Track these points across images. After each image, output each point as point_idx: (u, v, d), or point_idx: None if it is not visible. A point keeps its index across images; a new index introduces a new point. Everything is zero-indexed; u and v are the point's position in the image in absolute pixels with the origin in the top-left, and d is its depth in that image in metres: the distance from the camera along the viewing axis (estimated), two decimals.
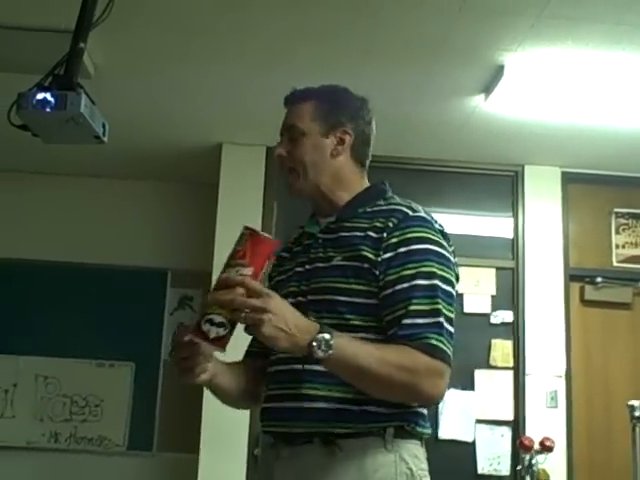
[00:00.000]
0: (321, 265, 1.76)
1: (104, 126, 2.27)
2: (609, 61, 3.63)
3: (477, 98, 4.13)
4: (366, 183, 1.91)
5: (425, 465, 1.73)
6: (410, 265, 1.67)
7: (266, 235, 1.52)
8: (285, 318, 1.47)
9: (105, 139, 2.28)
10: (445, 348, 1.64)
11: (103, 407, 5.40)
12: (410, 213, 1.75)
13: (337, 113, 1.85)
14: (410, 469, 1.68)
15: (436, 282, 1.67)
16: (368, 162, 1.93)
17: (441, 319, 1.65)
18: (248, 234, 1.50)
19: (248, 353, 1.96)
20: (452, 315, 1.69)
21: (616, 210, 5.09)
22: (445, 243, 1.76)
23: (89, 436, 5.37)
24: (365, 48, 3.68)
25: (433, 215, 1.81)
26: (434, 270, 1.68)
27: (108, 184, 5.67)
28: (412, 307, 1.63)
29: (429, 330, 1.62)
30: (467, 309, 4.89)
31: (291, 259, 1.89)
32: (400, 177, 5.01)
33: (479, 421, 4.76)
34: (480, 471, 4.70)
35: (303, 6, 3.33)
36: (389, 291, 1.67)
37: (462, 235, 5.01)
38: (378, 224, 1.73)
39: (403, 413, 1.70)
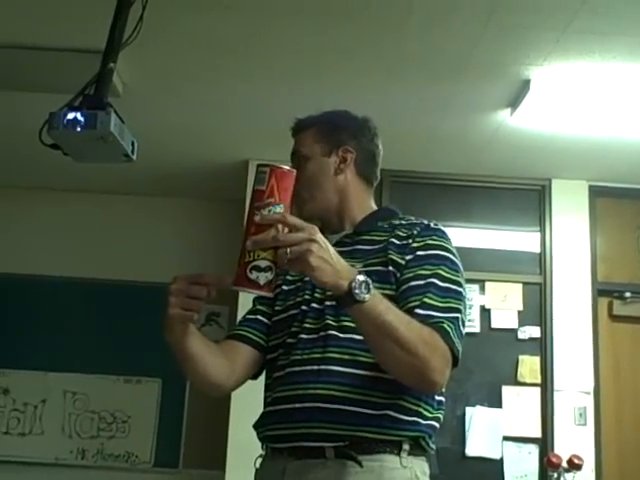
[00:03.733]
0: None
1: (133, 144, 2.28)
2: (636, 74, 3.61)
3: (503, 113, 4.12)
4: (374, 204, 1.95)
5: None
6: (427, 266, 1.71)
7: (286, 167, 1.48)
8: (329, 250, 1.45)
9: (134, 157, 2.29)
10: (456, 340, 1.63)
11: (130, 423, 5.42)
12: (431, 225, 1.81)
13: (337, 133, 1.90)
14: None
15: (450, 285, 1.70)
16: (376, 182, 1.97)
17: (456, 314, 1.66)
18: (269, 171, 1.44)
19: (249, 340, 1.86)
20: (465, 317, 1.71)
21: None
22: (458, 257, 1.79)
23: (116, 453, 5.39)
24: (391, 64, 3.69)
25: (458, 230, 1.84)
26: (450, 276, 1.71)
27: (136, 201, 5.73)
28: (426, 300, 1.65)
29: (443, 318, 1.63)
30: (494, 324, 4.87)
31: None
32: (427, 192, 5.04)
33: (506, 438, 4.72)
34: None
35: (329, 24, 3.35)
36: (404, 287, 1.70)
37: (489, 250, 5.00)
38: (401, 233, 1.78)
39: (422, 424, 1.70)
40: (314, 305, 1.76)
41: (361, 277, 1.46)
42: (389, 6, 3.19)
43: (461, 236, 4.98)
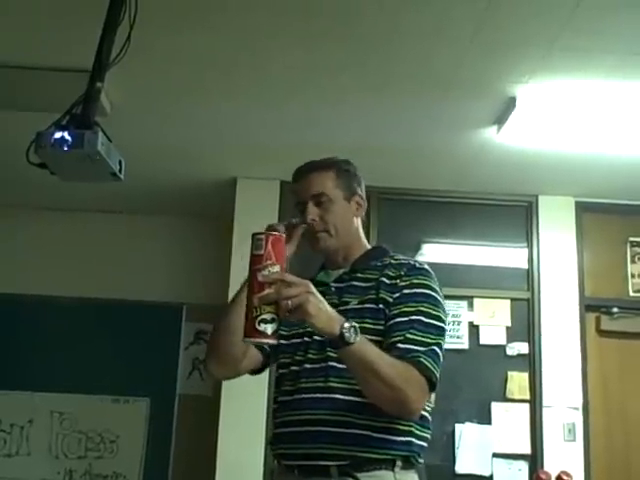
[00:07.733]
0: (338, 309, 1.87)
1: (120, 163, 2.29)
2: (621, 91, 3.64)
3: (490, 130, 4.14)
4: (367, 242, 2.20)
5: None
6: (411, 304, 1.95)
7: (278, 233, 1.71)
8: (323, 301, 1.70)
9: (122, 176, 2.30)
10: (433, 369, 1.86)
11: (118, 443, 5.38)
12: (417, 265, 2.06)
13: (353, 181, 2.16)
14: None
15: (431, 321, 1.94)
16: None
17: (433, 347, 1.90)
18: (265, 238, 1.67)
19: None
20: (443, 348, 1.94)
21: (631, 239, 5.07)
22: (441, 293, 2.03)
23: (104, 473, 5.34)
24: (377, 81, 3.70)
25: (445, 247, 1.98)
26: (431, 311, 1.95)
27: (123, 219, 5.71)
28: (408, 335, 1.89)
29: (420, 352, 1.87)
30: (482, 341, 4.87)
31: None
32: (415, 209, 5.05)
33: (496, 455, 4.71)
34: None
35: (315, 41, 3.36)
36: (391, 322, 1.94)
37: (477, 266, 5.01)
38: (390, 273, 2.02)
39: (413, 444, 1.94)
40: (316, 337, 1.98)
41: (351, 323, 1.71)
42: (375, 23, 3.21)
43: (448, 252, 5.00)
